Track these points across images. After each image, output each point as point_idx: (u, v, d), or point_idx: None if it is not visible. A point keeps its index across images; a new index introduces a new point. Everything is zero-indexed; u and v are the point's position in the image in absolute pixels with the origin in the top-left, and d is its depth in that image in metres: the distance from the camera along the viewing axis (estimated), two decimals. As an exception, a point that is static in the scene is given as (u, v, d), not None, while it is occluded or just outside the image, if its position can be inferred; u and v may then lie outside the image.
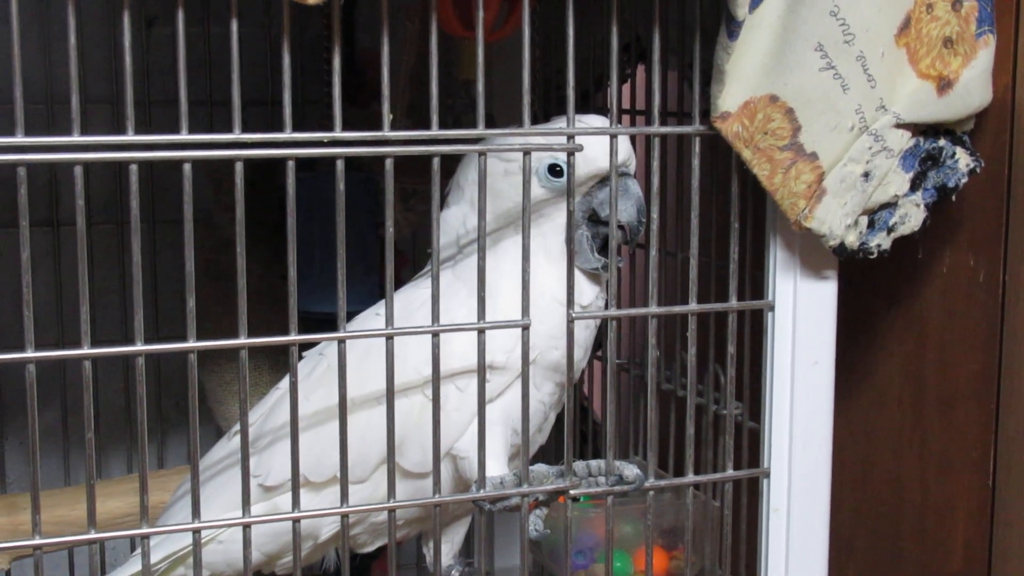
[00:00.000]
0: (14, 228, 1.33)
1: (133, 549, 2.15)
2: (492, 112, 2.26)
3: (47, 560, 2.14)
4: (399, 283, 2.29)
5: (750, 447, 1.81)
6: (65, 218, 2.27)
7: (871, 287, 1.97)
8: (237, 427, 1.76)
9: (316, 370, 1.68)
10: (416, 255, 2.36)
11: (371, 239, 2.23)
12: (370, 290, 2.24)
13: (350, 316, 1.97)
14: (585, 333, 1.69)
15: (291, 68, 2.11)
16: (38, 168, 2.20)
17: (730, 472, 1.74)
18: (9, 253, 2.27)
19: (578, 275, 1.62)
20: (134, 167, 1.36)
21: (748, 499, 1.81)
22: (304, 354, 1.72)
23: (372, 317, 1.71)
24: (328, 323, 1.65)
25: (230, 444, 1.75)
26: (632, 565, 1.99)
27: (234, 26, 1.39)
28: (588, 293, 1.67)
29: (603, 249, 1.63)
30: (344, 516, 1.49)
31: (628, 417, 2.17)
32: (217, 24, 2.26)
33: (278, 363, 2.25)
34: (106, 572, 2.15)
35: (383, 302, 1.72)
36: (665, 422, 1.92)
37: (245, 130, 1.41)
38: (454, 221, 1.71)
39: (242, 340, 1.45)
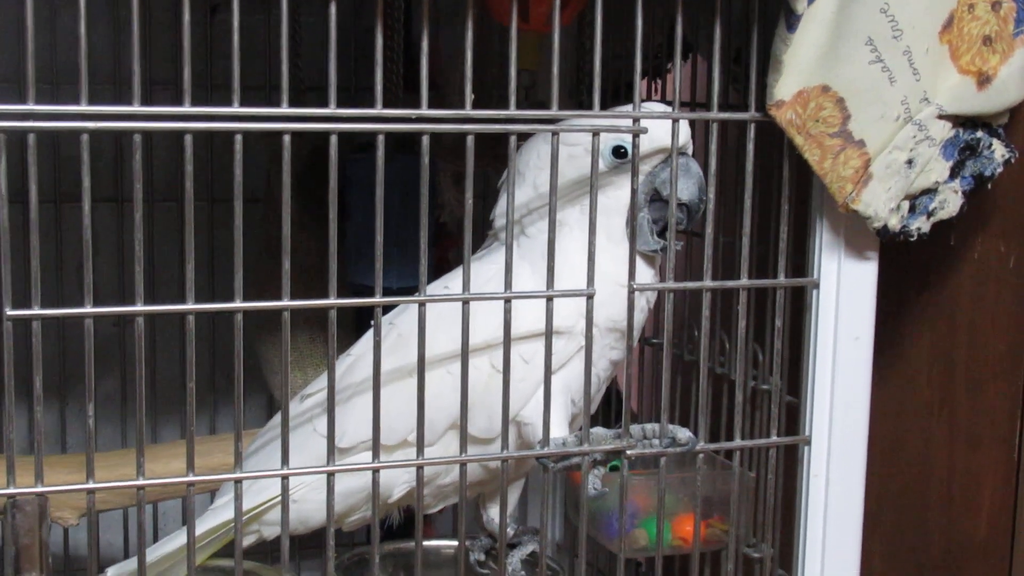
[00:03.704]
0: (78, 203, 1.43)
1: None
2: (545, 100, 2.37)
3: (104, 520, 2.23)
4: (449, 264, 2.41)
5: (788, 421, 1.90)
6: (129, 194, 2.35)
7: (904, 272, 2.06)
8: (306, 390, 1.86)
9: (387, 339, 1.75)
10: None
11: (428, 221, 2.32)
12: (416, 269, 2.34)
13: (407, 291, 2.06)
14: (640, 316, 1.79)
15: (354, 55, 2.20)
16: (104, 144, 2.32)
17: (774, 438, 1.85)
18: (75, 227, 2.36)
19: (637, 257, 1.71)
20: (239, 137, 1.47)
21: (783, 471, 1.91)
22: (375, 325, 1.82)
23: (441, 290, 1.81)
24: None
25: (301, 406, 1.83)
26: (671, 531, 2.08)
27: (332, 9, 1.50)
28: (645, 275, 1.76)
29: (662, 233, 1.73)
30: (419, 468, 1.60)
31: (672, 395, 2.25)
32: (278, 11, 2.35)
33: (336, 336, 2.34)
34: (158, 538, 2.26)
35: (448, 276, 1.83)
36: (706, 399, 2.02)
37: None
38: (516, 203, 1.78)
39: (332, 300, 1.55)
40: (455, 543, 2.13)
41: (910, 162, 1.76)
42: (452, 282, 1.80)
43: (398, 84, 2.25)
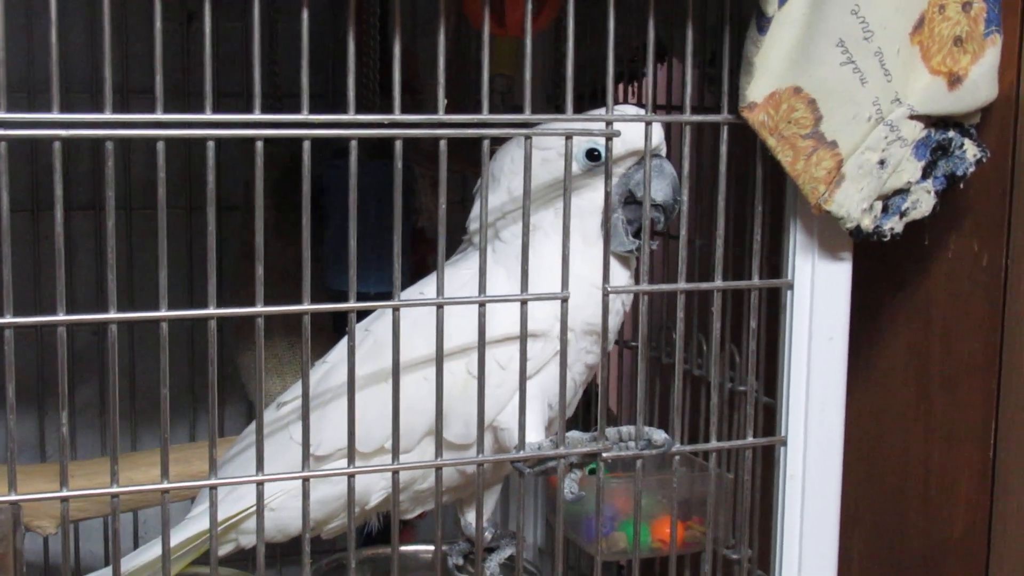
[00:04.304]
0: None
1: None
2: (520, 105, 2.37)
3: (84, 529, 2.23)
4: (427, 270, 2.40)
5: (764, 422, 1.90)
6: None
7: (879, 273, 2.06)
8: (282, 397, 1.86)
9: (363, 345, 1.76)
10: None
11: (404, 226, 2.32)
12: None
13: (385, 296, 2.06)
14: (615, 320, 1.79)
15: (331, 61, 2.21)
16: (83, 151, 2.31)
17: (750, 439, 1.86)
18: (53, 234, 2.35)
19: (612, 260, 1.71)
20: (211, 143, 1.47)
21: (761, 472, 1.91)
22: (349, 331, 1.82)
23: (416, 295, 1.80)
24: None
25: (277, 413, 1.83)
26: (650, 534, 2.08)
27: (305, 15, 1.50)
28: (620, 277, 1.77)
29: (638, 233, 1.73)
30: (395, 472, 1.60)
31: (646, 397, 2.25)
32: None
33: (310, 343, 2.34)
34: (139, 546, 2.25)
35: (423, 281, 1.83)
36: (683, 400, 2.01)
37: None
38: (490, 208, 1.78)
39: (306, 306, 1.55)
40: (433, 548, 2.13)
41: (882, 163, 1.76)
42: (427, 287, 1.80)
43: (374, 91, 2.25)
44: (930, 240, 1.98)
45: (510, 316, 1.64)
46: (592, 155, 1.72)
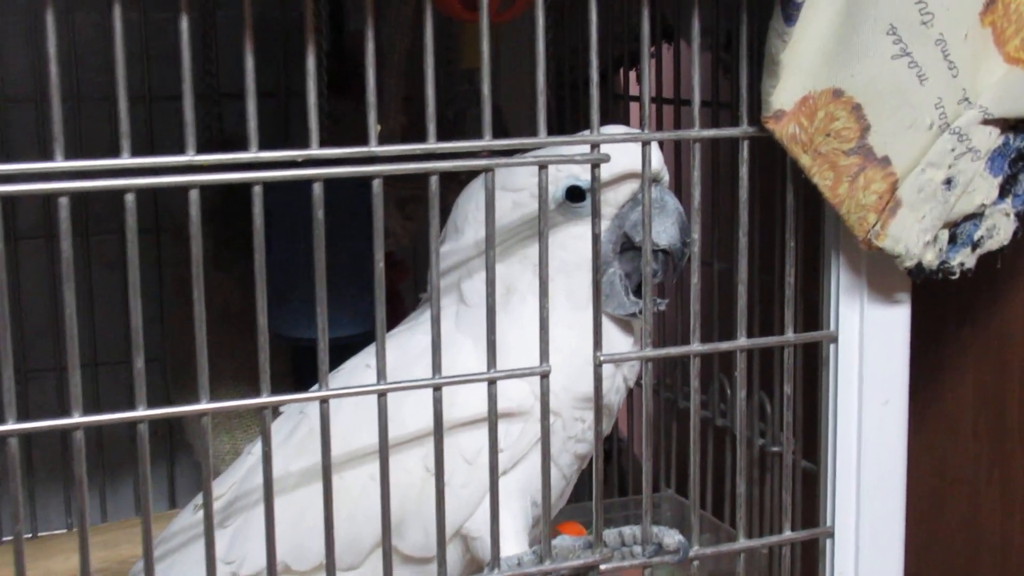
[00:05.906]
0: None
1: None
2: (499, 104, 2.02)
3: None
4: (399, 299, 2.06)
5: (804, 488, 1.61)
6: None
7: (940, 303, 1.79)
8: (198, 498, 1.51)
9: (296, 433, 1.45)
10: (417, 268, 2.10)
11: (367, 253, 1.99)
12: (366, 311, 2.00)
13: (345, 343, 1.72)
14: (615, 397, 1.47)
15: (276, 58, 1.90)
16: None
17: (788, 534, 1.51)
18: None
19: (607, 323, 1.39)
20: (64, 199, 1.12)
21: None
22: (282, 410, 1.47)
23: (362, 369, 1.47)
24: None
25: (193, 518, 1.50)
26: (670, 621, 1.78)
27: (184, 24, 1.13)
28: (619, 344, 1.43)
29: (639, 290, 1.38)
30: (333, 610, 1.25)
31: (658, 446, 1.99)
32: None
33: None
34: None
35: (368, 351, 1.48)
36: (703, 452, 1.71)
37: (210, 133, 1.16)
38: (453, 260, 1.47)
39: (204, 405, 1.21)
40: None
41: (949, 181, 1.43)
42: (374, 359, 1.44)
43: (321, 92, 1.91)
44: (1004, 264, 1.65)
45: (479, 396, 1.32)
46: (574, 194, 1.36)
